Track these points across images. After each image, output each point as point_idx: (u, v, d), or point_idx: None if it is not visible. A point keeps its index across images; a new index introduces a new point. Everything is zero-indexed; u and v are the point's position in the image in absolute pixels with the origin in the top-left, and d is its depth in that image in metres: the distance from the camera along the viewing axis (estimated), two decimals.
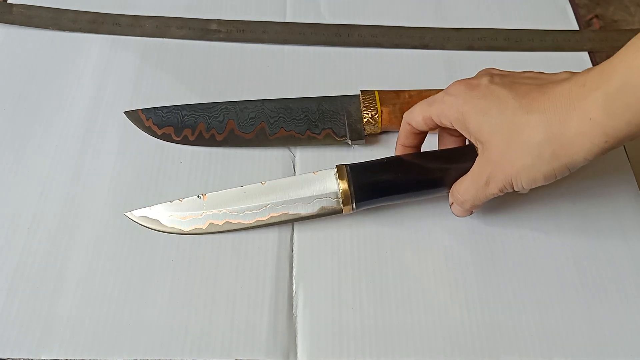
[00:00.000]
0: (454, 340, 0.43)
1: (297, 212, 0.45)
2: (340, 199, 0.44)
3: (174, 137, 0.52)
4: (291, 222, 0.47)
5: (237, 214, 0.46)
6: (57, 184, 0.49)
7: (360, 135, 0.51)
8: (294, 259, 0.46)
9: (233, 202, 0.46)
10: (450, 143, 0.47)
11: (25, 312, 0.43)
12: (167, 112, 0.52)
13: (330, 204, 0.45)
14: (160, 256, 0.46)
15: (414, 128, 0.45)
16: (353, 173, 0.44)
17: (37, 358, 0.41)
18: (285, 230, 0.47)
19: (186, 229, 0.46)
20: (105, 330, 0.42)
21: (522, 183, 0.39)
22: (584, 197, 0.50)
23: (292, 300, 0.44)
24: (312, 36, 0.60)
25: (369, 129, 0.51)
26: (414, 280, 0.45)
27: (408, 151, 0.47)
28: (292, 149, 0.52)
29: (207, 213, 0.46)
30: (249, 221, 0.46)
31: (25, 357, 0.41)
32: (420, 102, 0.45)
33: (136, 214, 0.47)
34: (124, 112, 0.53)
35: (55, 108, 0.54)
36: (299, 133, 0.52)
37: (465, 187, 0.43)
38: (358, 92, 0.53)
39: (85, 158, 0.51)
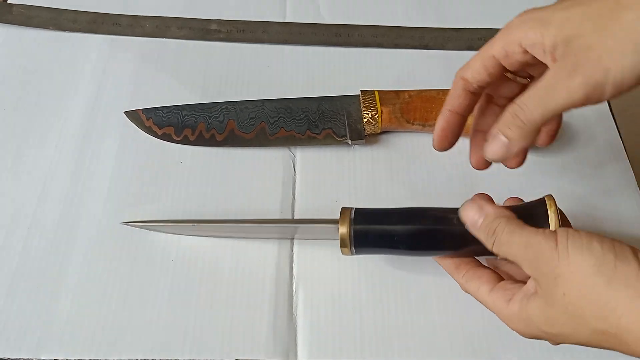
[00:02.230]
0: (454, 340, 0.43)
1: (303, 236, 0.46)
2: (340, 241, 0.41)
3: (174, 137, 0.52)
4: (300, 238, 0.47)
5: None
6: (57, 184, 0.49)
7: (360, 135, 0.51)
8: (294, 259, 0.46)
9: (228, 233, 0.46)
10: (504, 95, 0.40)
11: (25, 312, 0.43)
12: (167, 112, 0.52)
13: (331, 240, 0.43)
14: (160, 256, 0.46)
15: (469, 82, 0.38)
16: (357, 219, 0.40)
17: (37, 358, 0.41)
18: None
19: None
20: (105, 331, 0.42)
21: (624, 72, 0.30)
22: (584, 197, 0.50)
23: (292, 300, 0.44)
24: (312, 36, 0.60)
25: (369, 129, 0.51)
26: (413, 280, 0.45)
27: (455, 119, 0.40)
28: (292, 149, 0.52)
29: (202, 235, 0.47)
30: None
31: (25, 357, 0.41)
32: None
33: (134, 225, 0.47)
34: (124, 112, 0.53)
35: (55, 108, 0.54)
36: (299, 133, 0.52)
37: (536, 88, 0.33)
38: (358, 92, 0.53)
39: (85, 158, 0.51)
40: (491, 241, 0.35)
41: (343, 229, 0.40)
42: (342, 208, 0.41)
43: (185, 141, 0.52)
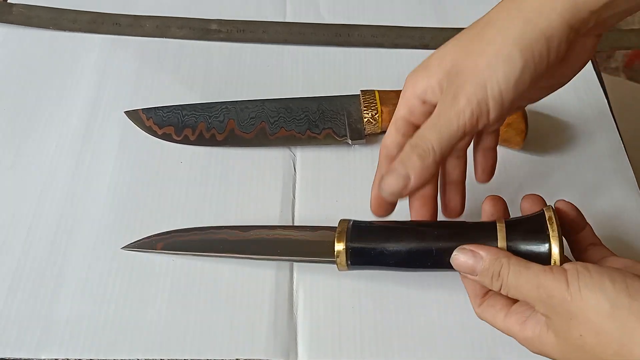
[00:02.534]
0: (453, 341, 0.43)
1: (293, 258, 0.44)
2: (336, 257, 0.39)
3: (175, 137, 0.52)
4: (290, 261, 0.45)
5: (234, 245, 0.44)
6: (57, 184, 0.49)
7: (360, 135, 0.51)
8: None
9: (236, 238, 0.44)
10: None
11: (25, 312, 0.43)
12: (167, 112, 0.52)
13: (326, 257, 0.40)
14: (160, 256, 0.46)
15: (390, 148, 0.38)
16: (353, 234, 0.39)
17: (37, 358, 0.41)
18: None
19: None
20: (105, 330, 0.42)
21: (498, 77, 0.32)
22: (584, 197, 0.50)
23: (292, 300, 0.44)
24: (312, 36, 0.60)
25: (369, 129, 0.51)
26: (414, 280, 0.45)
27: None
28: (293, 148, 0.52)
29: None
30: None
31: (25, 357, 0.41)
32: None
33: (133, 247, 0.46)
34: (125, 112, 0.53)
35: (56, 108, 0.54)
36: (299, 133, 0.52)
37: (429, 119, 0.34)
38: (358, 92, 0.53)
39: (85, 158, 0.51)
40: (498, 285, 0.34)
41: (339, 246, 0.39)
42: (340, 221, 0.40)
43: (186, 141, 0.52)
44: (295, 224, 0.48)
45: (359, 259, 0.39)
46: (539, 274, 0.32)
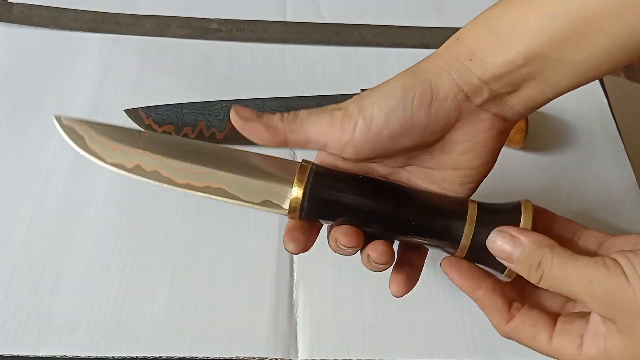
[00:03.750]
0: (453, 340, 0.42)
1: (238, 194, 0.36)
2: (288, 203, 0.35)
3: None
4: (228, 201, 0.37)
5: (170, 167, 0.37)
6: (56, 182, 0.49)
7: None
8: (294, 256, 0.46)
9: (174, 153, 0.37)
10: None
11: (24, 309, 0.43)
12: (167, 111, 0.52)
13: (278, 202, 0.35)
14: (159, 253, 0.45)
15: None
16: (315, 181, 0.34)
17: (36, 355, 0.41)
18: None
19: (108, 160, 0.37)
20: (104, 328, 0.42)
21: (375, 101, 0.33)
22: (584, 197, 0.50)
23: (292, 297, 0.44)
24: (312, 35, 0.60)
25: None
26: None
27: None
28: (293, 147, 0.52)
29: (140, 152, 0.37)
30: (180, 181, 0.37)
31: (24, 354, 0.41)
32: None
33: (64, 122, 0.39)
34: (124, 110, 0.53)
35: (56, 106, 0.54)
36: None
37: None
38: (358, 91, 0.53)
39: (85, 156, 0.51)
40: (537, 276, 0.31)
41: (298, 192, 0.34)
42: (303, 161, 0.36)
43: None
44: None
45: (317, 208, 0.35)
46: (590, 267, 0.29)
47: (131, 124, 0.52)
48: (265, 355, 0.41)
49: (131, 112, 0.53)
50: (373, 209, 0.34)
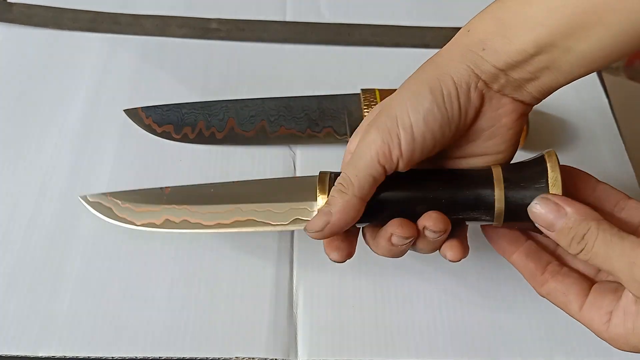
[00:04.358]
0: (454, 340, 0.42)
1: (267, 221, 0.38)
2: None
3: (174, 135, 0.52)
4: (260, 229, 0.38)
5: (197, 213, 0.39)
6: (56, 182, 0.49)
7: None
8: (294, 256, 0.46)
9: (196, 199, 0.40)
10: None
11: (23, 309, 0.43)
12: (167, 110, 0.52)
13: (307, 216, 0.37)
14: (159, 253, 0.45)
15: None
16: None
17: (35, 355, 0.41)
18: None
19: (138, 222, 0.41)
20: (103, 328, 0.42)
21: (408, 109, 0.33)
22: None
23: (292, 298, 0.44)
24: (312, 35, 0.60)
25: None
26: (414, 279, 0.45)
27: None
28: (293, 147, 0.52)
29: (166, 207, 0.40)
30: (210, 222, 0.39)
31: (23, 354, 0.41)
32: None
33: (90, 199, 0.42)
34: (124, 110, 0.53)
35: (55, 106, 0.54)
36: (299, 131, 0.51)
37: (346, 157, 0.35)
38: (359, 91, 0.53)
39: (85, 156, 0.51)
40: (577, 248, 0.31)
41: (324, 198, 0.35)
42: (320, 173, 0.37)
43: (185, 139, 0.52)
44: None
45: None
46: (635, 248, 0.29)
47: (131, 124, 0.52)
48: (265, 356, 0.41)
49: (131, 112, 0.53)
50: (402, 198, 0.35)
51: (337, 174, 0.36)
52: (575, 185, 0.35)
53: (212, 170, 0.50)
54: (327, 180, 0.36)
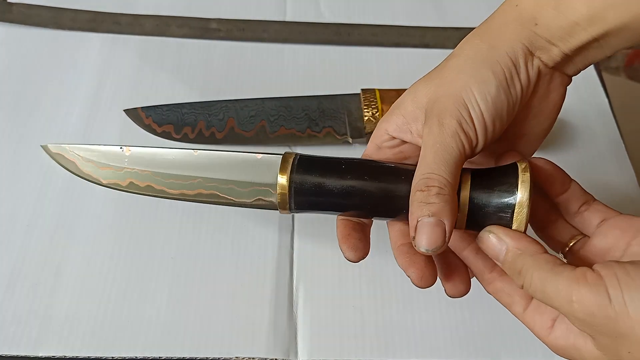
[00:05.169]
0: (454, 340, 0.42)
1: (230, 197, 0.36)
2: (277, 196, 0.34)
3: (174, 135, 0.52)
4: (223, 205, 0.37)
5: (161, 179, 0.37)
6: (56, 181, 0.49)
7: (360, 134, 0.51)
8: (294, 256, 0.46)
9: (158, 165, 0.38)
10: None
11: (23, 309, 0.43)
12: (167, 110, 0.52)
13: (269, 197, 0.35)
14: (159, 253, 0.45)
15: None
16: (299, 168, 0.34)
17: (35, 355, 0.41)
18: (285, 228, 0.47)
19: (104, 181, 0.39)
20: (103, 328, 0.42)
21: (476, 96, 0.31)
22: None
23: (292, 298, 0.44)
24: (312, 35, 0.60)
25: (369, 127, 0.51)
26: None
27: (351, 224, 0.36)
28: (293, 147, 0.52)
29: (129, 170, 0.38)
30: (174, 191, 0.37)
31: (23, 354, 0.41)
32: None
33: (52, 149, 0.40)
34: (124, 110, 0.53)
35: (55, 106, 0.54)
36: (299, 131, 0.51)
37: (425, 153, 0.32)
38: (359, 91, 0.53)
39: None
40: (520, 282, 0.30)
41: (283, 179, 0.33)
42: (285, 153, 0.35)
43: (185, 139, 0.52)
44: (294, 224, 0.48)
45: (304, 195, 0.33)
46: (571, 284, 0.28)
47: (131, 124, 0.52)
48: (265, 356, 0.41)
49: (131, 112, 0.53)
50: (361, 190, 0.33)
51: (304, 156, 0.34)
52: (549, 182, 0.34)
53: None
54: (291, 161, 0.34)
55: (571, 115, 0.55)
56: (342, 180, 0.33)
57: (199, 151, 0.37)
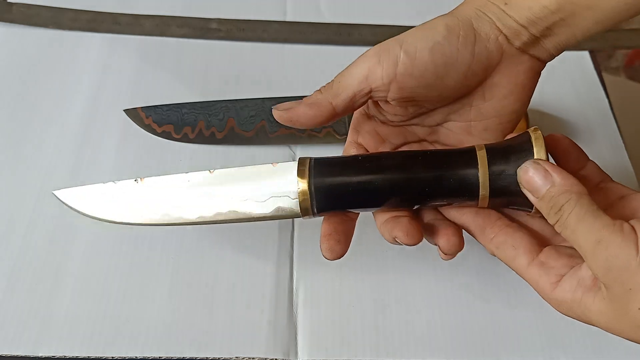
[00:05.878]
0: (454, 340, 0.42)
1: (249, 212, 0.36)
2: (299, 201, 0.35)
3: (174, 135, 0.52)
4: (242, 222, 0.37)
5: (177, 207, 0.37)
6: (56, 182, 0.49)
7: None
8: (294, 256, 0.46)
9: (173, 192, 0.37)
10: None
11: (23, 309, 0.43)
12: (167, 110, 0.52)
13: (289, 204, 0.35)
14: (159, 253, 0.45)
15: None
16: (317, 171, 0.34)
17: (35, 355, 0.41)
18: (285, 228, 0.47)
19: (117, 220, 0.39)
20: (103, 328, 0.42)
21: (417, 42, 0.33)
22: None
23: (292, 298, 0.44)
24: (312, 35, 0.60)
25: None
26: (414, 278, 0.45)
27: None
28: (293, 147, 0.52)
29: (143, 202, 0.38)
30: (191, 217, 0.37)
31: (23, 354, 0.41)
32: None
33: (63, 197, 0.40)
34: (124, 110, 0.53)
35: (55, 106, 0.54)
36: (299, 131, 0.51)
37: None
38: None
39: (85, 156, 0.51)
40: (554, 219, 0.30)
41: (303, 184, 0.34)
42: (300, 159, 0.35)
43: (185, 139, 0.52)
44: (294, 224, 0.48)
45: (326, 196, 0.34)
46: (605, 227, 0.28)
47: (131, 124, 0.52)
48: (265, 356, 0.41)
49: (131, 112, 0.53)
50: (383, 183, 0.33)
51: (319, 159, 0.35)
52: (565, 156, 0.35)
53: None
54: (307, 164, 0.34)
55: (571, 115, 0.55)
56: (363, 176, 0.33)
57: (214, 171, 0.37)
